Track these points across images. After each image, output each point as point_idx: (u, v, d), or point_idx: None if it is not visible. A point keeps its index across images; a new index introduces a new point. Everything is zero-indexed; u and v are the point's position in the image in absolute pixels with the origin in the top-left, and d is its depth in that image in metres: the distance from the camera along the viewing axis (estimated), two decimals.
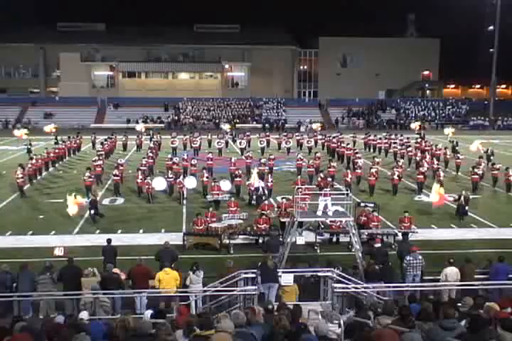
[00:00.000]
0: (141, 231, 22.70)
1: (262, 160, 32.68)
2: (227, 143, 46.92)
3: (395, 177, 29.42)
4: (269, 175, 29.63)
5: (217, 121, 71.65)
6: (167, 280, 14.35)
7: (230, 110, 75.59)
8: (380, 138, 44.82)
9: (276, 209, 23.05)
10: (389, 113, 77.32)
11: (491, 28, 71.92)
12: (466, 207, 24.52)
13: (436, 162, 34.28)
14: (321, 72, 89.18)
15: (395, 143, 43.03)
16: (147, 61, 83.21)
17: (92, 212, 23.76)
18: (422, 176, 29.76)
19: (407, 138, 44.38)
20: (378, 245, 18.39)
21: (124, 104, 74.91)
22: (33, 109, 73.90)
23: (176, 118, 72.62)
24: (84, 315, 10.92)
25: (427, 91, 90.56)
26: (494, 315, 9.60)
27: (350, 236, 17.92)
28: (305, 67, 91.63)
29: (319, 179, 28.22)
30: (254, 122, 71.78)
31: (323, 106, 79.46)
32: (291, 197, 21.71)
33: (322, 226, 21.00)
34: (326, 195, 18.09)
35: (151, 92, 79.79)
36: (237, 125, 66.99)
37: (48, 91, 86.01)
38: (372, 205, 23.38)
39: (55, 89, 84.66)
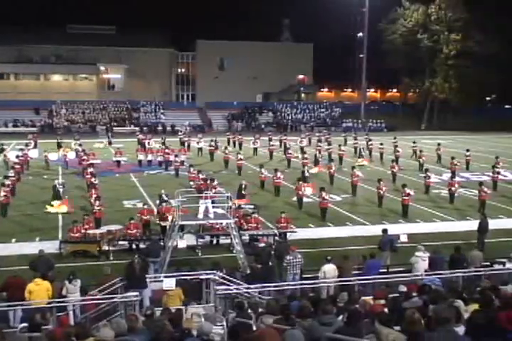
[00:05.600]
0: (13, 240, 21.68)
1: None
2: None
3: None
4: None
5: (93, 124, 69.93)
6: (38, 291, 13.78)
7: (106, 113, 73.89)
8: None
9: (156, 213, 22.82)
10: (266, 116, 78.71)
11: (360, 34, 75.17)
12: None
13: None
14: (199, 75, 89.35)
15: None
16: (17, 62, 79.53)
17: None
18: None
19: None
20: (263, 245, 18.67)
21: None
22: None
23: (50, 121, 70.00)
24: None
25: (303, 95, 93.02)
26: (370, 308, 10.05)
27: (232, 238, 18.08)
28: (183, 70, 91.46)
29: (200, 182, 28.22)
30: (132, 125, 70.61)
31: (201, 109, 79.64)
32: (172, 201, 21.56)
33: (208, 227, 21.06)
34: (207, 198, 18.14)
35: (23, 95, 76.32)
36: (114, 128, 65.85)
37: None
38: (252, 207, 23.69)
39: None
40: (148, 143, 44.21)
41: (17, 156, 36.55)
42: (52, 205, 26.12)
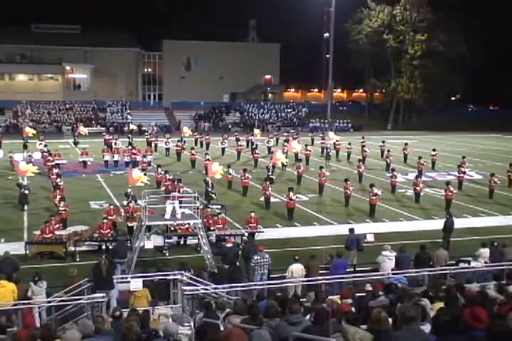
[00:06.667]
0: None
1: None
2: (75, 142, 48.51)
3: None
4: None
5: (59, 124, 69.07)
6: (3, 293, 13.56)
7: (72, 113, 73.02)
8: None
9: (123, 213, 22.64)
10: (233, 116, 78.68)
11: (327, 34, 75.53)
12: None
13: None
14: (165, 75, 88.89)
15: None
16: None
17: None
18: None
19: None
20: (230, 245, 18.68)
21: None
22: None
23: (15, 122, 68.88)
24: None
25: (269, 95, 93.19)
26: (337, 307, 10.12)
27: (199, 238, 18.04)
28: (149, 69, 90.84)
29: (167, 182, 28.13)
30: (99, 126, 69.94)
31: (168, 109, 79.24)
32: (139, 201, 21.42)
33: (172, 228, 20.97)
34: (174, 198, 18.07)
35: None
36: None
37: None
38: (219, 207, 23.66)
39: None
40: (115, 143, 43.77)
41: None
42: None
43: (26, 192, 26.79)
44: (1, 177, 34.51)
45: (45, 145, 41.27)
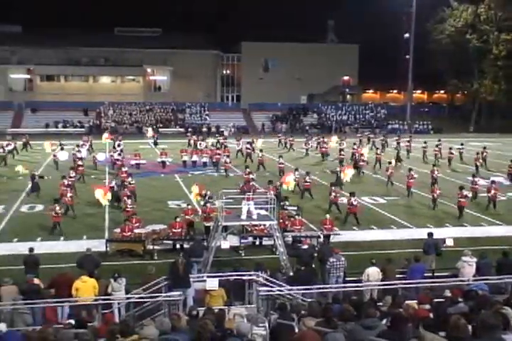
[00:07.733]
0: (61, 238, 22.12)
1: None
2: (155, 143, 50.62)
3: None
4: None
5: (140, 125, 70.85)
6: (84, 288, 13.99)
7: (152, 114, 74.78)
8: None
9: (200, 213, 22.97)
10: (311, 117, 78.47)
11: (407, 35, 74.28)
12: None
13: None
14: (243, 77, 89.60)
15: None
16: (66, 64, 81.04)
17: None
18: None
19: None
20: (306, 247, 18.63)
21: (42, 108, 72.63)
22: None
23: (98, 122, 71.18)
24: (2, 326, 10.51)
25: (347, 96, 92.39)
26: (413, 313, 9.91)
27: (275, 239, 18.07)
28: (228, 71, 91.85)
29: (243, 183, 28.32)
30: (178, 127, 71.34)
31: (246, 110, 79.85)
32: (216, 201, 21.66)
33: (249, 229, 21.08)
34: (249, 199, 18.15)
35: (71, 96, 77.75)
36: (160, 129, 66.48)
37: None
38: (295, 208, 23.63)
39: None
40: (200, 144, 44.65)
41: (80, 158, 36.87)
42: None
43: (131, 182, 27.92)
44: (85, 176, 35.52)
45: (119, 145, 42.29)
